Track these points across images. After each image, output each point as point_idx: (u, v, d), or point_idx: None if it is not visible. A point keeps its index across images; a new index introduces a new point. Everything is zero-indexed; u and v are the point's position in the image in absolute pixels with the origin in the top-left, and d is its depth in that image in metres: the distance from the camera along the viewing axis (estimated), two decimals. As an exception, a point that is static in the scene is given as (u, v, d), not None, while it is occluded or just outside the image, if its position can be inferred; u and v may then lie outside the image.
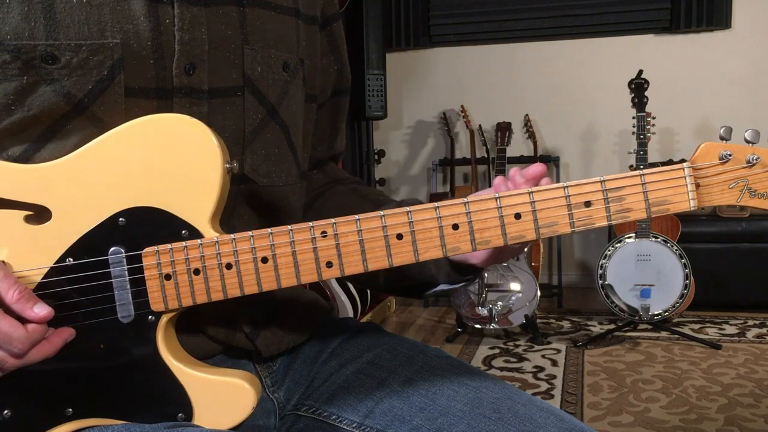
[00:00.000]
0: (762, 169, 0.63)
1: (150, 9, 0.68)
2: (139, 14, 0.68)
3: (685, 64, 3.81)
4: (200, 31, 0.71)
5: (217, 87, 0.73)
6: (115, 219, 0.66)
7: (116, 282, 0.66)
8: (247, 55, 0.75)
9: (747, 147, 0.63)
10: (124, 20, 0.67)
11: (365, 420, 0.77)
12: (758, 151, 0.63)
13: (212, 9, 0.72)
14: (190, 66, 0.71)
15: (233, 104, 0.74)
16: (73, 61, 0.65)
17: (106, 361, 0.67)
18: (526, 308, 2.97)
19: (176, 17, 0.69)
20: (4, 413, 0.66)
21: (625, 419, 2.16)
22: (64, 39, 0.65)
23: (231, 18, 0.74)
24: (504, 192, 0.65)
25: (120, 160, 0.67)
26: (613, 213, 0.64)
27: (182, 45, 0.70)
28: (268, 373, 0.84)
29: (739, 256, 3.29)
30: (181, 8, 0.69)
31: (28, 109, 0.65)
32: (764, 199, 0.63)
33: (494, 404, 0.73)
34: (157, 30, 0.68)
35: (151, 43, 0.68)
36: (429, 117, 4.21)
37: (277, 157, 0.79)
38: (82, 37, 0.65)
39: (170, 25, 0.69)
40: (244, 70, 0.75)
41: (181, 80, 0.70)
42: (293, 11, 0.82)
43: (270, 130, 0.78)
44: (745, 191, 0.63)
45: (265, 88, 0.77)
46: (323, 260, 0.66)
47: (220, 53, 0.73)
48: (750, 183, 0.63)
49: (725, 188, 0.63)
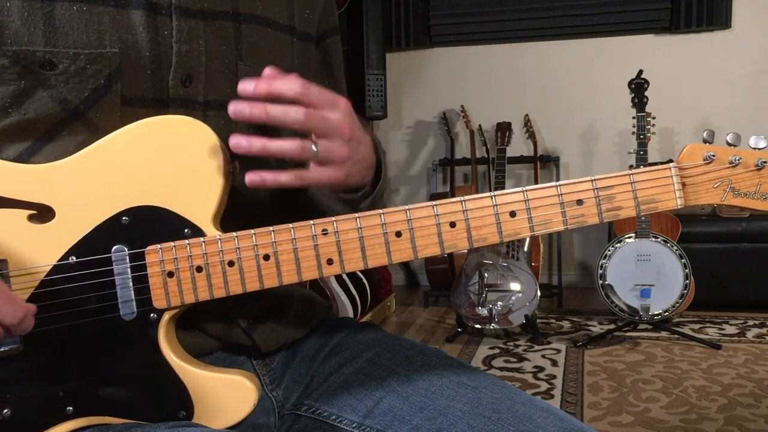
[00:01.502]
0: (744, 169, 0.67)
1: (149, 20, 0.69)
2: (138, 24, 0.68)
3: (685, 64, 3.82)
4: (198, 44, 0.71)
5: (212, 99, 0.74)
6: (118, 218, 0.67)
7: (119, 279, 0.67)
8: (241, 71, 0.76)
9: (729, 149, 0.67)
10: (123, 30, 0.68)
11: (365, 420, 0.77)
12: (740, 152, 0.67)
13: (209, 23, 0.73)
14: (187, 78, 0.71)
15: (227, 117, 0.75)
16: (71, 69, 0.66)
17: (107, 359, 0.67)
18: (526, 308, 2.97)
19: (174, 29, 0.70)
20: (4, 412, 0.66)
21: (625, 419, 2.17)
22: (62, 47, 0.65)
23: (227, 33, 0.75)
24: (499, 191, 0.67)
25: (123, 160, 0.67)
26: (605, 211, 0.67)
27: (179, 57, 0.70)
28: (267, 372, 0.84)
29: (739, 256, 3.30)
30: (179, 20, 0.70)
31: (24, 113, 0.66)
32: (747, 198, 0.67)
33: (494, 404, 0.74)
34: (155, 41, 0.69)
35: (149, 54, 0.69)
36: (429, 117, 4.22)
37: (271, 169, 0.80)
38: (80, 45, 0.66)
39: (168, 37, 0.70)
40: (237, 85, 0.75)
41: (177, 91, 0.71)
42: (288, 28, 0.82)
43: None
44: (728, 190, 0.67)
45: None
46: (324, 257, 0.67)
47: (216, 66, 0.74)
48: (733, 182, 0.67)
49: (710, 187, 0.67)
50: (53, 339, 0.66)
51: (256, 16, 0.78)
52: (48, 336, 0.66)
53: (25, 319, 0.61)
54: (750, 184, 0.66)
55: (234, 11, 0.75)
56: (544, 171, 3.99)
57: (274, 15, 0.80)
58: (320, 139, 0.67)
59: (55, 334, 0.66)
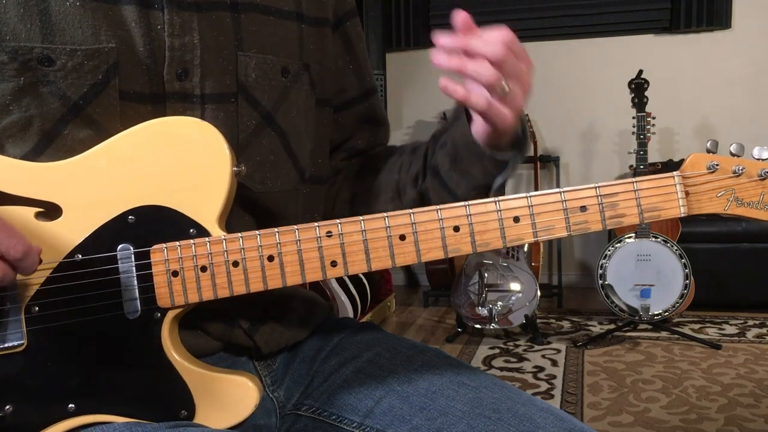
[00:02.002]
0: (747, 179, 0.67)
1: (141, 15, 0.69)
2: (131, 20, 0.68)
3: (685, 64, 3.82)
4: (191, 36, 0.71)
5: (210, 93, 0.73)
6: (124, 216, 0.67)
7: (124, 278, 0.67)
8: (240, 62, 0.75)
9: (733, 159, 0.67)
10: (117, 25, 0.68)
11: (365, 420, 0.77)
12: (744, 162, 0.67)
13: (204, 14, 0.72)
14: (183, 71, 0.71)
15: (227, 110, 0.75)
16: (69, 65, 0.66)
17: (109, 357, 0.68)
18: (526, 308, 2.98)
19: (166, 23, 0.70)
20: (6, 408, 0.66)
21: (625, 419, 2.17)
22: (59, 42, 0.65)
23: (224, 24, 0.74)
24: (503, 197, 0.67)
25: (130, 160, 0.68)
26: (608, 218, 0.67)
27: (172, 51, 0.70)
28: (268, 372, 0.84)
29: (739, 256, 3.30)
30: (172, 14, 0.70)
31: (25, 110, 0.66)
32: (750, 208, 0.67)
33: (494, 404, 0.74)
34: (148, 36, 0.69)
35: (143, 49, 0.69)
36: (429, 117, 4.22)
37: (273, 164, 0.79)
38: (77, 41, 0.66)
39: (161, 31, 0.70)
40: (237, 76, 0.75)
41: (173, 86, 0.71)
42: (295, 15, 0.81)
43: (265, 137, 0.78)
44: (732, 200, 0.67)
45: (260, 94, 0.77)
46: (328, 259, 0.68)
47: (213, 59, 0.73)
48: (737, 192, 0.67)
49: (713, 196, 0.67)
50: (57, 336, 0.66)
51: (256, 4, 0.77)
52: (51, 333, 0.66)
53: (28, 255, 0.60)
54: (753, 194, 0.66)
55: (231, 1, 0.75)
56: (544, 171, 4.00)
57: (277, 2, 0.79)
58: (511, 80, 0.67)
59: (59, 332, 0.66)
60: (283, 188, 0.81)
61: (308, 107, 0.84)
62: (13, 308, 0.66)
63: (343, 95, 0.91)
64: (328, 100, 0.89)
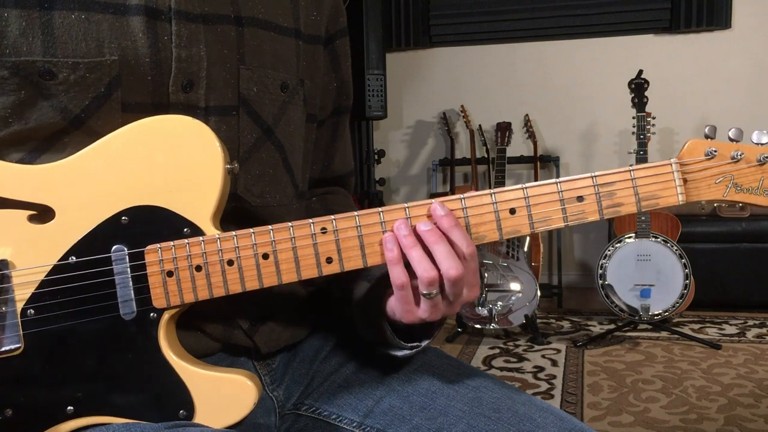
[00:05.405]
0: (746, 164, 0.66)
1: (149, 25, 0.68)
2: (138, 31, 0.68)
3: (685, 64, 3.81)
4: (198, 48, 0.71)
5: (214, 105, 0.73)
6: (117, 217, 0.67)
7: (119, 279, 0.67)
8: (242, 75, 0.75)
9: (731, 144, 0.66)
10: (123, 36, 0.67)
11: (365, 419, 0.77)
12: (742, 147, 0.66)
13: (210, 27, 0.72)
14: (188, 83, 0.71)
15: (229, 123, 0.75)
16: (71, 78, 0.66)
17: (107, 358, 0.67)
18: (526, 308, 2.97)
19: (174, 34, 0.70)
20: (6, 412, 0.66)
21: (625, 419, 2.16)
22: (61, 56, 0.65)
23: (228, 37, 0.74)
24: (498, 189, 0.67)
25: (123, 159, 0.67)
26: (605, 207, 0.66)
27: (179, 62, 0.70)
28: (268, 372, 0.84)
29: (739, 256, 3.30)
30: (179, 25, 0.70)
31: (25, 123, 0.66)
32: (750, 194, 0.66)
33: (494, 404, 0.74)
34: (155, 46, 0.69)
35: (149, 60, 0.69)
36: (429, 117, 4.22)
37: (272, 177, 0.79)
38: (79, 54, 0.66)
39: (168, 42, 0.70)
40: (239, 89, 0.75)
41: (177, 97, 0.71)
42: (293, 31, 0.82)
43: (265, 150, 0.78)
44: (731, 186, 0.66)
45: (261, 108, 0.77)
46: (323, 256, 0.67)
47: (217, 72, 0.73)
48: (735, 178, 0.66)
49: (712, 183, 0.66)
50: (53, 339, 0.66)
51: (258, 19, 0.77)
52: (48, 336, 0.66)
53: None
54: (752, 180, 0.65)
55: (236, 15, 0.75)
56: (544, 171, 3.99)
57: (277, 18, 0.80)
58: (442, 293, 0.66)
59: (56, 334, 0.66)
60: (280, 202, 0.81)
61: (302, 122, 0.85)
62: (9, 312, 0.66)
63: (324, 112, 0.92)
64: (314, 116, 0.89)
